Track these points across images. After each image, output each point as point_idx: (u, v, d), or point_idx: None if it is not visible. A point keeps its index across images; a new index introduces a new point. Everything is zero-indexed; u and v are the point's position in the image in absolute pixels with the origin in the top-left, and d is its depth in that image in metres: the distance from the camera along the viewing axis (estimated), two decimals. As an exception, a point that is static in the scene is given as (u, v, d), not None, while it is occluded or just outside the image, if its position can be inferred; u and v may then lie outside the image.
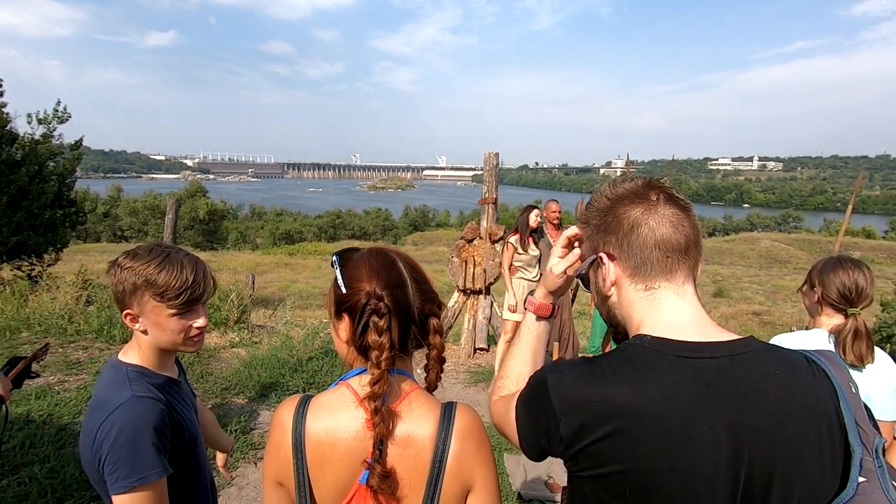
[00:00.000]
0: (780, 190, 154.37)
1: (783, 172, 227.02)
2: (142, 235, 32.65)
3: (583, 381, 0.76)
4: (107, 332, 5.15)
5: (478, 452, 0.88)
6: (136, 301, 1.15)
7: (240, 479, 3.11)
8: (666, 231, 0.79)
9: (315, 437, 0.86)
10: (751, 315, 12.41)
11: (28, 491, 2.68)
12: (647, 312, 0.80)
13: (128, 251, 1.20)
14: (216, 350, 5.23)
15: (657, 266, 0.79)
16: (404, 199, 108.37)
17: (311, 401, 0.90)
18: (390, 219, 52.72)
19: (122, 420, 1.07)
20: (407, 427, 0.86)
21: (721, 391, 0.70)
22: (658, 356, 0.74)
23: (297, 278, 17.38)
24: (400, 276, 0.90)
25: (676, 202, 0.81)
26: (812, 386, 0.72)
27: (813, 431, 0.70)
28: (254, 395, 4.20)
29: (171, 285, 1.14)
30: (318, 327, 5.63)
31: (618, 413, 0.71)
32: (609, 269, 0.82)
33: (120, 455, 1.05)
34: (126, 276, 1.15)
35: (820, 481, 0.69)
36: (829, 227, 47.56)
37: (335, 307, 0.91)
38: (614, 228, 0.81)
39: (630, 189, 0.83)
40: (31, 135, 7.99)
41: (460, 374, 5.37)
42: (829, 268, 1.69)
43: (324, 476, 0.86)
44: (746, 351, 0.74)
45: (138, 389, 1.14)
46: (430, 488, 0.84)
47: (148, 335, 1.19)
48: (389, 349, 0.84)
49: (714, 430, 0.69)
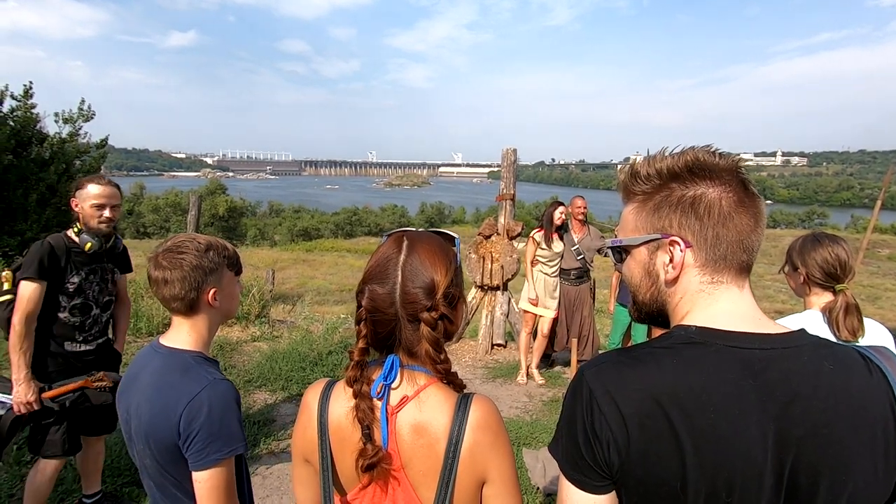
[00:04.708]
0: (805, 186, 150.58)
1: (808, 168, 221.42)
2: (164, 232, 33.35)
3: (623, 369, 0.72)
4: (133, 324, 5.29)
5: (493, 444, 0.88)
6: (219, 277, 1.31)
7: (263, 468, 3.18)
8: (752, 228, 0.74)
9: (336, 420, 0.90)
10: (773, 314, 12.12)
11: (63, 476, 2.78)
12: (700, 305, 0.75)
13: (177, 246, 1.27)
14: (238, 344, 5.34)
15: (734, 264, 0.74)
16: (420, 195, 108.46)
17: (335, 385, 0.95)
18: (406, 215, 52.90)
19: (210, 399, 1.17)
20: (419, 417, 0.88)
21: (770, 384, 0.68)
22: (703, 346, 0.71)
23: (315, 274, 17.57)
24: (385, 270, 0.91)
25: (755, 194, 0.75)
26: (867, 383, 0.69)
27: (866, 430, 0.67)
28: (276, 388, 4.29)
29: (236, 255, 1.38)
30: (336, 322, 5.70)
31: (659, 402, 0.68)
32: (684, 256, 0.75)
33: (212, 431, 1.15)
34: (208, 257, 1.28)
35: (873, 481, 0.66)
36: (856, 223, 46.20)
37: None
38: (701, 213, 0.73)
39: (721, 166, 0.74)
40: (58, 134, 8.21)
41: (478, 369, 5.39)
42: (808, 247, 1.69)
43: (345, 457, 0.89)
44: (798, 344, 0.71)
45: (213, 372, 1.25)
46: (444, 477, 0.86)
47: (219, 309, 1.34)
48: (364, 338, 0.90)
49: (761, 423, 0.66)
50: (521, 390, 4.80)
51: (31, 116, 7.74)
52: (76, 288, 2.31)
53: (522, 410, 4.35)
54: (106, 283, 2.44)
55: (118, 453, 3.00)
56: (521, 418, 4.15)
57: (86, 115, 8.55)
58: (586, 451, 0.72)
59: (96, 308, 2.40)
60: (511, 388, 4.87)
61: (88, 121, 8.59)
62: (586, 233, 5.02)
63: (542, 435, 3.75)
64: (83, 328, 2.36)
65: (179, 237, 1.31)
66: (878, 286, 18.08)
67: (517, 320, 5.61)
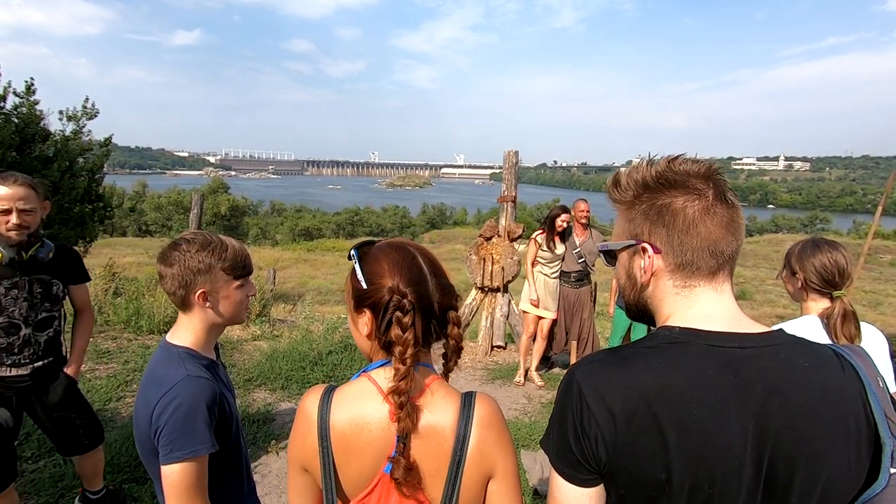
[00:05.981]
0: (807, 190, 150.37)
1: (810, 173, 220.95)
2: (165, 230, 33.42)
3: (611, 368, 0.76)
4: (134, 322, 5.31)
5: (498, 440, 0.89)
6: (209, 279, 1.27)
7: (262, 467, 3.18)
8: (720, 234, 0.76)
9: (340, 427, 0.87)
10: (774, 318, 12.15)
11: (63, 472, 2.80)
12: (680, 307, 0.79)
13: (180, 240, 1.28)
14: (239, 342, 5.35)
15: (703, 268, 0.77)
16: (422, 196, 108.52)
17: (335, 391, 0.92)
18: (408, 216, 52.96)
19: (179, 396, 1.16)
20: (428, 417, 0.87)
21: (749, 380, 0.71)
22: (686, 345, 0.74)
23: (316, 274, 17.60)
24: (420, 271, 0.90)
25: (731, 202, 0.77)
26: (840, 379, 0.73)
27: (840, 424, 0.70)
28: (275, 387, 4.29)
29: (237, 259, 1.32)
30: (337, 322, 5.72)
31: (645, 398, 0.71)
32: (652, 261, 0.80)
33: (175, 428, 1.14)
34: (198, 258, 1.25)
35: (845, 472, 0.70)
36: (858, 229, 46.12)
37: (355, 301, 0.91)
38: (667, 221, 0.77)
39: (690, 172, 0.78)
40: (62, 131, 8.24)
41: (478, 371, 5.39)
42: (807, 252, 1.68)
43: (349, 464, 0.88)
44: (776, 343, 0.74)
45: (192, 369, 1.23)
46: (451, 475, 0.86)
47: (215, 311, 1.31)
48: (414, 345, 0.85)
49: (741, 418, 0.70)
50: (520, 392, 4.80)
51: (34, 113, 7.77)
52: None
53: (521, 412, 4.36)
54: (41, 298, 2.14)
55: (118, 450, 3.01)
56: (519, 420, 4.15)
57: (90, 113, 8.58)
58: (576, 446, 0.75)
59: (26, 327, 2.11)
60: (510, 389, 4.87)
61: (92, 118, 8.61)
62: (588, 236, 5.03)
63: (541, 437, 3.75)
64: (11, 350, 2.10)
65: (185, 234, 1.31)
66: (879, 292, 18.07)
67: (517, 322, 5.61)
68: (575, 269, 5.01)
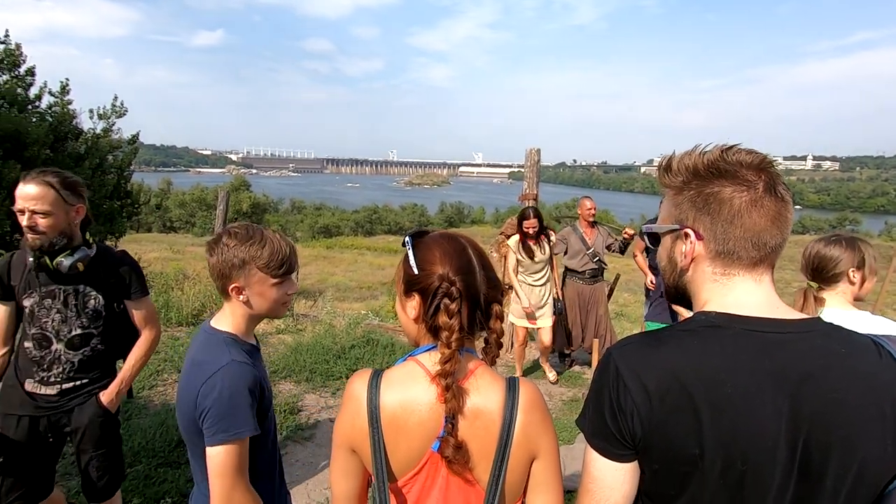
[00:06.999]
0: (837, 191, 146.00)
1: (840, 173, 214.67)
2: (189, 227, 34.13)
3: (647, 349, 0.79)
4: (163, 315, 5.45)
5: (542, 423, 0.93)
6: (244, 274, 1.30)
7: (289, 456, 3.26)
8: (765, 227, 0.77)
9: (390, 409, 0.91)
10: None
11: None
12: (717, 294, 0.80)
13: (226, 232, 1.32)
14: (264, 336, 5.46)
15: (744, 258, 0.78)
16: (440, 195, 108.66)
17: (383, 375, 0.95)
18: (426, 214, 53.06)
19: (223, 380, 1.21)
20: (475, 400, 0.91)
21: (784, 365, 0.72)
22: (722, 329, 0.76)
23: (335, 271, 17.77)
24: (470, 262, 0.94)
25: (781, 195, 0.78)
26: (877, 367, 0.73)
27: (875, 410, 0.71)
28: (300, 379, 4.38)
29: (274, 258, 1.32)
30: (358, 317, 5.79)
31: (679, 378, 0.73)
32: (693, 247, 0.81)
33: (220, 411, 1.18)
34: (234, 253, 1.28)
35: (880, 457, 0.71)
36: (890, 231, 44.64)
37: (405, 286, 0.96)
38: (713, 210, 0.78)
39: (742, 163, 0.78)
40: (93, 129, 8.49)
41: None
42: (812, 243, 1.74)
43: (398, 445, 0.91)
44: (813, 330, 0.76)
45: (236, 354, 1.27)
46: (498, 456, 0.89)
47: (249, 305, 1.33)
48: (459, 331, 0.89)
49: (776, 400, 0.71)
50: (542, 390, 4.81)
51: (67, 112, 8.01)
52: (29, 313, 1.84)
53: (542, 409, 4.36)
54: (76, 313, 1.85)
55: (153, 436, 3.11)
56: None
57: (119, 112, 8.81)
58: (612, 422, 0.78)
59: (57, 342, 1.85)
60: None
61: (121, 117, 8.84)
62: (597, 233, 5.04)
63: (562, 434, 3.75)
64: (41, 365, 1.85)
65: (233, 226, 1.34)
66: (912, 295, 17.45)
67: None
68: (590, 268, 5.02)
